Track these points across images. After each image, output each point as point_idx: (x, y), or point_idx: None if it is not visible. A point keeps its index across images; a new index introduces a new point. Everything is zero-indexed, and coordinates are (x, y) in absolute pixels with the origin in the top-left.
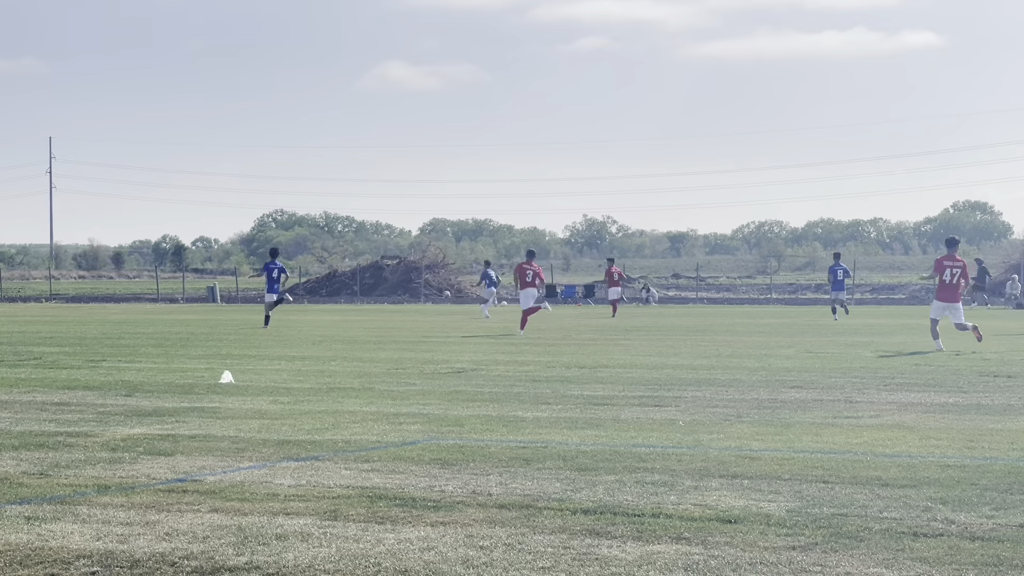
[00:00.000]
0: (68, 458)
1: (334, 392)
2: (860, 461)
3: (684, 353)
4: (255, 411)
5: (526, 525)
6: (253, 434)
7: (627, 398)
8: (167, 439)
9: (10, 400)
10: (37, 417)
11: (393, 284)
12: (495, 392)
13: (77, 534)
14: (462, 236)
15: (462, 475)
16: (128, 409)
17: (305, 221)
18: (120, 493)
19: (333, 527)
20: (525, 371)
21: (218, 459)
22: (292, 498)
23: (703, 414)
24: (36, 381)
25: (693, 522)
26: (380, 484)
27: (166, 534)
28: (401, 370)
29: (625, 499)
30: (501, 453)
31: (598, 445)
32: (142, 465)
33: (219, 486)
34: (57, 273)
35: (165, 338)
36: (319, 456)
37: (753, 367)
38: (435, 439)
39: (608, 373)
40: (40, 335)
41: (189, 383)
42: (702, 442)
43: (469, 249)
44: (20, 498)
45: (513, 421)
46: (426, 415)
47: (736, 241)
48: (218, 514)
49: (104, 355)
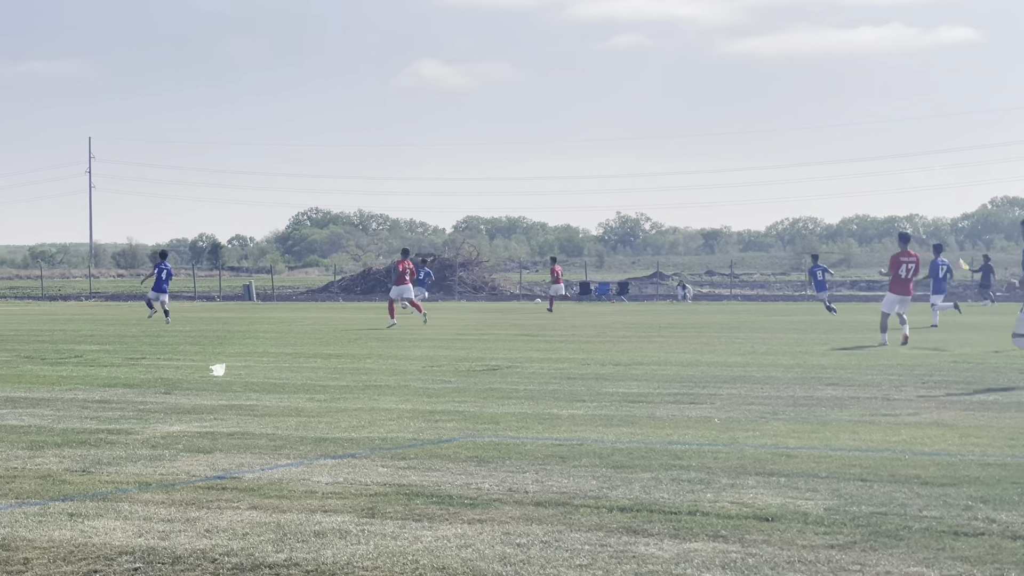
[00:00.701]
0: (109, 455)
1: (370, 390)
2: (898, 459)
3: (719, 350)
4: (292, 409)
5: (563, 523)
6: (290, 431)
7: (662, 395)
8: (206, 436)
9: (52, 398)
10: (79, 415)
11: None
12: (530, 389)
13: (119, 531)
14: (496, 234)
15: (498, 472)
16: (167, 406)
17: (340, 219)
18: (161, 490)
19: (371, 524)
20: (560, 368)
21: (256, 456)
22: (330, 495)
23: (738, 411)
24: (77, 379)
25: (730, 520)
26: (417, 481)
27: (206, 531)
28: (436, 367)
29: (661, 497)
30: (537, 450)
31: (634, 442)
32: (182, 462)
33: (258, 483)
34: (96, 271)
35: (203, 336)
36: (356, 454)
37: (788, 364)
38: (471, 437)
39: (643, 370)
40: (80, 333)
41: (227, 380)
42: (738, 440)
43: (503, 247)
44: (63, 495)
45: (548, 418)
46: (462, 412)
47: (770, 238)
48: (257, 511)
49: (143, 353)
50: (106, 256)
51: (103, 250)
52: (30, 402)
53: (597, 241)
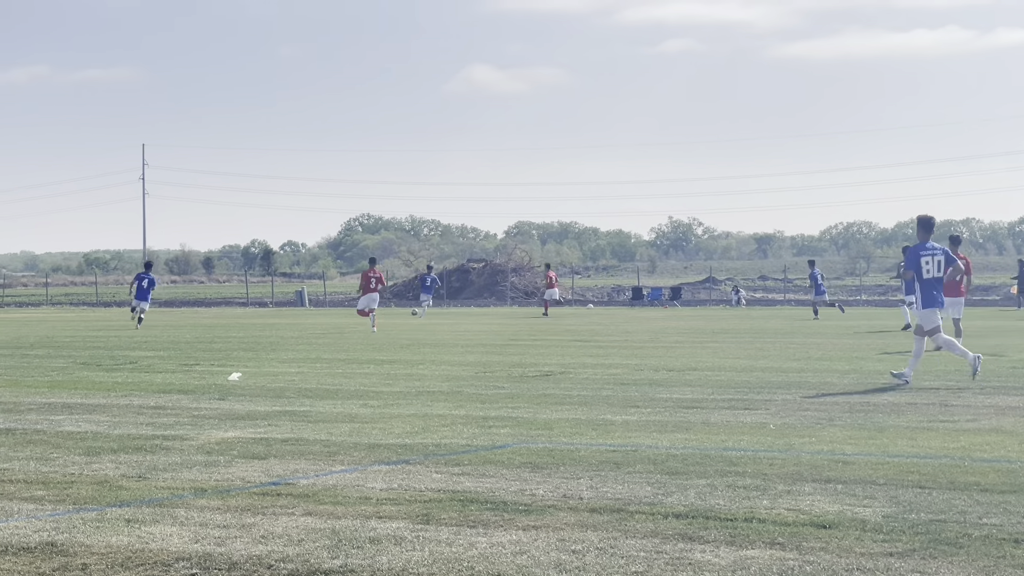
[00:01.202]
0: (165, 461)
1: (423, 396)
2: (957, 466)
3: (773, 356)
4: (346, 415)
5: (618, 529)
6: (344, 438)
7: (716, 401)
8: (260, 443)
9: (108, 404)
10: (134, 421)
11: (479, 287)
12: (583, 395)
13: (176, 536)
14: (547, 239)
15: (553, 479)
16: (222, 413)
17: (391, 225)
18: (216, 496)
19: (426, 531)
20: (613, 374)
21: (311, 463)
22: (384, 501)
23: (794, 417)
24: (132, 385)
25: (787, 527)
26: (471, 488)
27: (262, 537)
28: (489, 373)
29: (717, 503)
30: (591, 457)
31: (688, 449)
32: (237, 468)
33: (312, 489)
34: None
35: (256, 342)
36: (410, 460)
37: (844, 370)
38: (525, 443)
39: (697, 376)
40: (135, 339)
41: (280, 387)
42: (794, 446)
43: (555, 251)
44: (120, 501)
45: (602, 424)
46: (515, 418)
47: (824, 242)
48: (312, 517)
49: (197, 359)
50: (159, 262)
51: (156, 256)
52: (86, 408)
53: (649, 246)
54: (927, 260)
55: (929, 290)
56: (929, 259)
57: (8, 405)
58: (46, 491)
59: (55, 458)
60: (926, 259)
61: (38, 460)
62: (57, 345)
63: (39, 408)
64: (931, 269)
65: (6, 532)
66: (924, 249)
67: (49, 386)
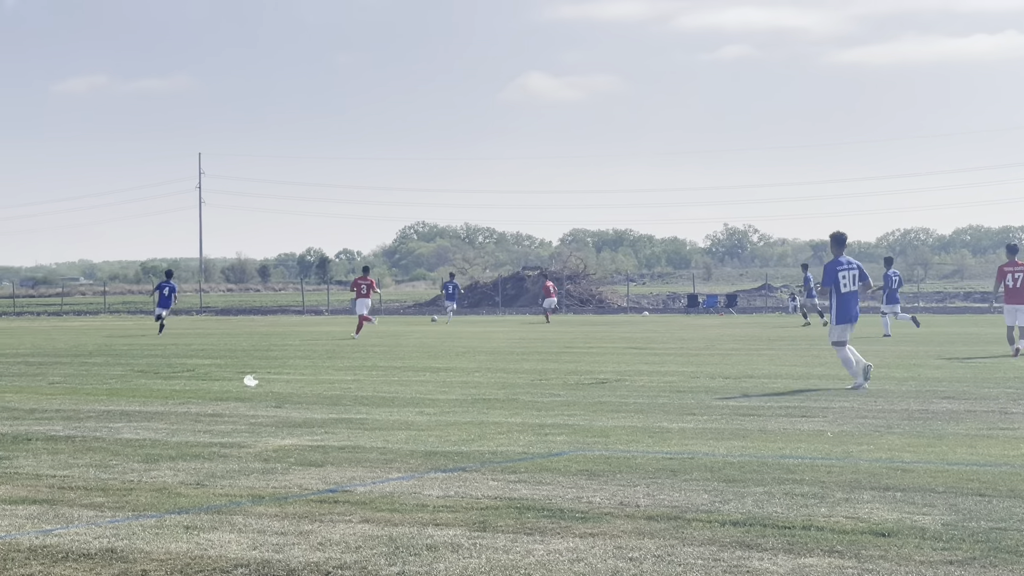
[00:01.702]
0: (223, 468)
1: (479, 403)
2: (1018, 473)
3: (830, 363)
4: (402, 422)
5: (675, 537)
6: (401, 445)
7: (773, 408)
8: (317, 450)
9: (166, 411)
10: (192, 428)
11: (534, 294)
12: (639, 403)
13: (234, 543)
14: (602, 246)
15: (609, 486)
16: (279, 420)
17: (446, 233)
18: (274, 503)
19: (483, 538)
20: (669, 381)
21: (367, 470)
22: (441, 509)
23: (851, 425)
24: (190, 393)
25: (845, 535)
26: (528, 495)
27: (319, 544)
28: (545, 381)
29: (775, 511)
30: (647, 464)
31: (745, 456)
32: (294, 476)
33: (369, 497)
34: (206, 286)
35: (312, 350)
36: (466, 467)
37: (901, 377)
38: (581, 450)
39: (753, 383)
40: (192, 347)
41: (337, 394)
42: (852, 453)
43: (610, 259)
44: (179, 508)
45: (658, 432)
46: (571, 426)
47: (881, 249)
48: (369, 524)
49: (254, 367)
50: (216, 271)
51: (213, 265)
52: (144, 416)
53: (704, 253)
54: (844, 275)
55: (845, 304)
56: (845, 273)
57: (68, 413)
58: (106, 498)
59: (114, 465)
60: (843, 273)
61: (98, 467)
62: (115, 353)
63: (98, 416)
64: (848, 283)
65: (67, 538)
66: (840, 264)
67: (108, 394)
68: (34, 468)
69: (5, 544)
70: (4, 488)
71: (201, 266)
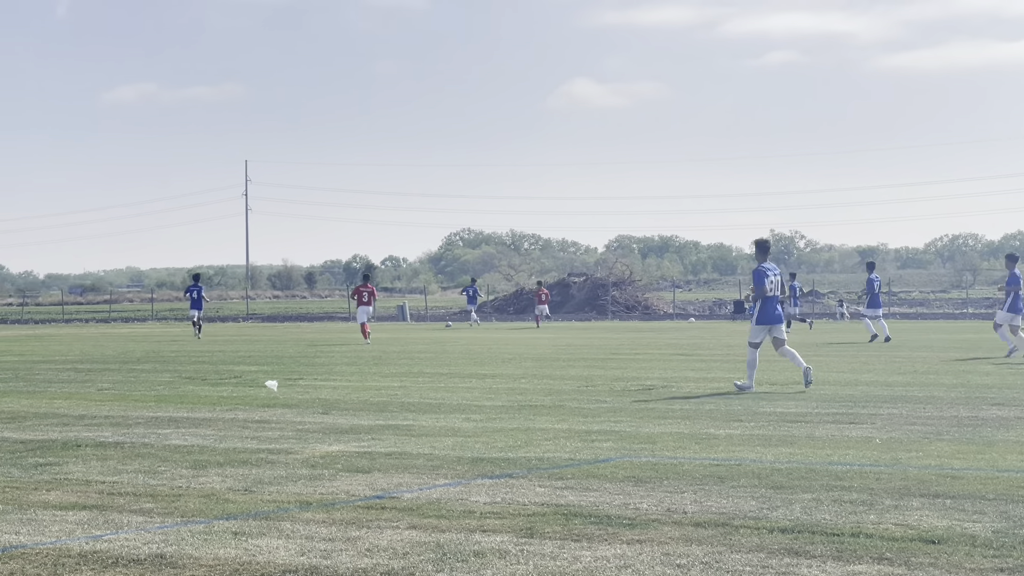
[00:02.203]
0: (270, 475)
1: (525, 410)
2: None
3: (878, 369)
4: (449, 429)
5: (723, 543)
6: (447, 451)
7: (821, 415)
8: (364, 456)
9: (213, 418)
10: (239, 435)
11: (580, 301)
12: (686, 409)
13: (282, 549)
14: (648, 252)
15: (656, 493)
16: (325, 427)
17: (492, 239)
18: (321, 509)
19: (530, 544)
20: (715, 388)
21: (414, 476)
22: (488, 515)
23: (900, 431)
24: (237, 399)
25: (895, 542)
26: (574, 501)
27: (367, 550)
28: (591, 387)
29: (823, 518)
30: (694, 470)
31: (793, 463)
32: (341, 482)
33: (416, 503)
34: (253, 293)
35: (358, 356)
36: (513, 473)
37: (951, 384)
38: (628, 456)
39: (800, 389)
40: (239, 354)
41: (383, 401)
42: (900, 460)
43: (655, 265)
44: (227, 514)
45: (705, 438)
46: (618, 432)
47: (929, 255)
48: (416, 531)
49: (300, 373)
50: (262, 277)
51: (259, 272)
52: (192, 422)
53: (751, 259)
54: (771, 279)
55: (767, 307)
56: (773, 278)
57: (116, 419)
58: (154, 504)
59: (163, 471)
60: (770, 278)
61: (146, 473)
62: (163, 360)
63: (146, 422)
64: (774, 288)
65: (116, 544)
66: (768, 269)
67: (156, 400)
68: (84, 474)
69: (56, 550)
70: (54, 494)
71: (247, 273)
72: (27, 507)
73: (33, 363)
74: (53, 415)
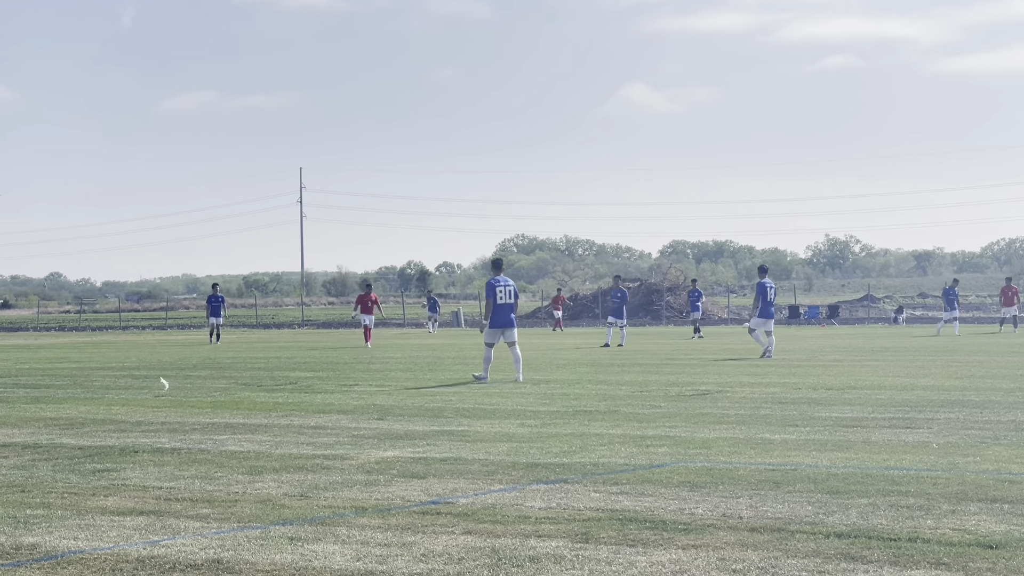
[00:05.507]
0: (326, 480)
1: (580, 415)
2: None
3: (934, 374)
4: (503, 434)
5: (779, 549)
6: (502, 457)
7: (877, 420)
8: (419, 462)
9: (269, 424)
10: (295, 440)
11: (634, 306)
12: (741, 414)
13: (338, 555)
14: (702, 257)
15: (712, 498)
16: (381, 432)
17: (546, 245)
18: (377, 515)
19: (585, 550)
20: (770, 393)
21: (469, 482)
22: (543, 520)
23: (957, 436)
24: (292, 405)
25: (952, 547)
26: (630, 507)
27: (422, 556)
28: (646, 392)
29: (880, 523)
30: (750, 475)
31: (849, 468)
32: (396, 487)
33: (471, 508)
34: (308, 300)
35: (413, 362)
36: (568, 479)
37: (1009, 388)
38: (683, 461)
39: (856, 394)
40: (294, 360)
41: (438, 407)
42: (958, 465)
43: (710, 271)
44: (283, 519)
45: (761, 443)
46: (673, 437)
47: (986, 259)
48: (472, 536)
49: (356, 379)
50: (317, 284)
51: (314, 278)
52: (248, 428)
53: (805, 264)
54: (500, 290)
55: (500, 314)
56: (502, 289)
57: (173, 425)
58: (211, 509)
59: (219, 477)
60: (499, 289)
61: (203, 479)
62: (219, 366)
63: (203, 428)
64: (504, 297)
65: (173, 549)
66: (498, 282)
67: (212, 406)
68: (141, 480)
69: (114, 554)
70: (112, 499)
71: (303, 280)
72: (85, 512)
73: (91, 370)
74: (111, 421)
